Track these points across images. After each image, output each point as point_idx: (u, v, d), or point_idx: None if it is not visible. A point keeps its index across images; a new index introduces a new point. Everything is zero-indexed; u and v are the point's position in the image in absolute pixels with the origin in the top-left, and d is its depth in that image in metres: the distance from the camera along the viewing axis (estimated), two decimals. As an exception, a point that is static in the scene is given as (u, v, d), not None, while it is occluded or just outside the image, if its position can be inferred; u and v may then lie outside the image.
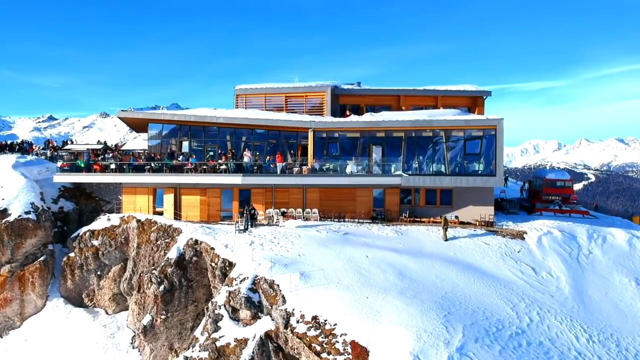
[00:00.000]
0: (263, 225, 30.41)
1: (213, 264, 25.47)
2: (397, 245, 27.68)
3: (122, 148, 58.07)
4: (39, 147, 51.79)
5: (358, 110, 38.31)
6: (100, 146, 57.51)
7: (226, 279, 24.05)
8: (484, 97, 39.94)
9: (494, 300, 23.17)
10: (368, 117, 33.78)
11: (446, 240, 28.92)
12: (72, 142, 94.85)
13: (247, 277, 22.89)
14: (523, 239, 30.16)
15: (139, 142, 49.24)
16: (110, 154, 35.31)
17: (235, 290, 22.51)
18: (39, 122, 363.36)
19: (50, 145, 54.68)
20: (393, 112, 36.78)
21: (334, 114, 37.20)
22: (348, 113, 37.10)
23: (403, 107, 38.93)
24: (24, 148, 48.25)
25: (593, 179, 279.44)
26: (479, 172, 31.82)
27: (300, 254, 25.08)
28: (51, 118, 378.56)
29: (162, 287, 25.76)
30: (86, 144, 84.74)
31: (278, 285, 22.05)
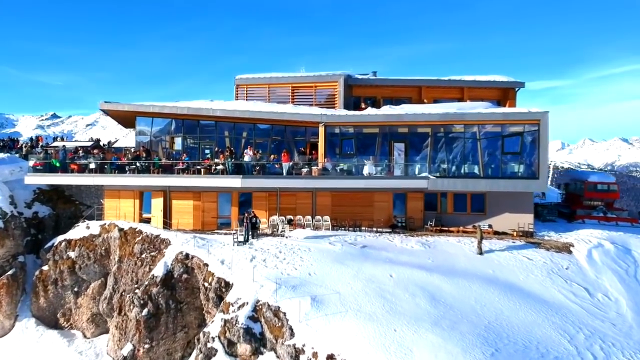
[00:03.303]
0: (266, 235, 26.82)
1: (206, 284, 21.85)
2: (425, 261, 24.03)
3: (115, 145, 54.61)
4: (26, 145, 48.54)
5: (374, 103, 34.69)
6: (90, 143, 54.01)
7: (222, 303, 20.44)
8: (516, 89, 36.26)
9: (546, 331, 19.46)
10: (387, 109, 30.08)
11: (481, 254, 25.27)
12: (62, 139, 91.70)
13: (247, 303, 19.29)
14: (570, 252, 26.51)
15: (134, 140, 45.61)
16: (90, 152, 31.65)
17: (232, 318, 18.91)
18: (42, 120, 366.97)
19: (40, 142, 51.42)
20: (414, 105, 33.08)
21: (347, 107, 33.60)
22: (363, 106, 33.48)
23: (425, 100, 35.32)
24: (8, 145, 45.09)
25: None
26: (519, 174, 28.04)
27: (310, 272, 21.42)
28: (54, 116, 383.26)
29: (145, 311, 22.18)
30: (76, 141, 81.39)
31: (284, 314, 18.44)
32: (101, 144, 54.14)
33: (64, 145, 34.33)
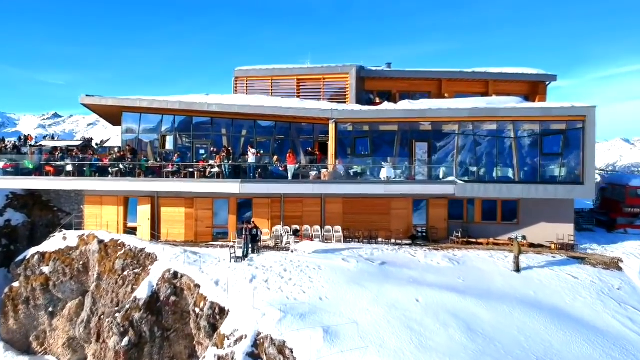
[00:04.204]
0: (268, 248, 23.83)
1: (197, 310, 18.79)
2: (456, 281, 20.96)
3: (106, 145, 51.58)
4: (11, 142, 45.59)
5: (389, 98, 31.72)
6: (78, 142, 50.97)
7: (215, 334, 17.39)
8: (547, 83, 33.26)
9: (607, 370, 16.38)
10: (407, 104, 26.99)
11: (518, 271, 22.18)
12: (53, 138, 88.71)
13: (246, 335, 16.22)
14: (620, 269, 23.49)
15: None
16: (70, 152, 28.63)
17: (227, 355, 15.89)
18: (44, 119, 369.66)
19: (29, 141, 48.56)
20: (435, 100, 30.03)
21: (358, 103, 30.51)
22: (378, 100, 30.46)
23: (446, 95, 32.36)
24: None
25: (598, 179, 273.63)
26: (560, 178, 24.90)
27: (322, 296, 18.35)
28: (56, 115, 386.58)
29: (125, 340, 19.20)
30: (63, 139, 78.38)
31: (291, 350, 15.39)
32: (93, 143, 51.26)
33: (40, 145, 31.29)
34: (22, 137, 56.60)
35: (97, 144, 51.02)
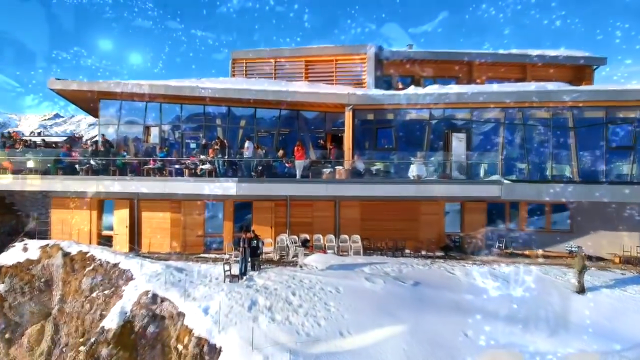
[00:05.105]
0: (271, 262, 19.91)
1: (180, 347, 14.85)
2: (509, 307, 17.00)
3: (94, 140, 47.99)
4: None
5: (412, 83, 27.72)
6: (62, 139, 47.10)
7: (202, 382, 13.44)
8: (594, 68, 29.27)
9: None
10: (438, 89, 23.03)
11: (583, 292, 18.22)
12: (39, 135, 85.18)
13: (243, 388, 12.27)
14: (703, 289, 19.39)
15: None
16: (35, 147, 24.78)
17: (217, 415, 11.92)
18: (45, 119, 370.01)
19: (15, 138, 44.86)
20: (466, 86, 26.09)
21: (377, 89, 26.58)
22: (401, 86, 26.51)
23: (477, 80, 28.43)
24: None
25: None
26: (631, 177, 20.82)
27: (342, 330, 14.39)
28: (57, 116, 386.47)
29: (89, 384, 15.23)
30: (50, 135, 74.87)
31: (305, 411, 11.45)
32: (84, 140, 47.50)
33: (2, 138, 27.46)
34: (6, 133, 52.53)
35: (87, 140, 47.19)
